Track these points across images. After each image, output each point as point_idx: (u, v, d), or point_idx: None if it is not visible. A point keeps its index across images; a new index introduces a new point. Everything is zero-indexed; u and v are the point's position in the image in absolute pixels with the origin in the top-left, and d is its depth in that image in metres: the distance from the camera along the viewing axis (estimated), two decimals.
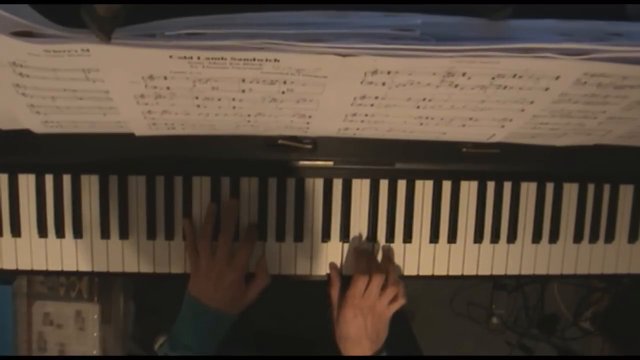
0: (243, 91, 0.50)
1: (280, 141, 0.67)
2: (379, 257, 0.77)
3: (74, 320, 0.97)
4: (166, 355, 0.71)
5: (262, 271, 0.74)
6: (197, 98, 0.52)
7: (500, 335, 1.52)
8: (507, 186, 0.78)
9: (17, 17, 0.40)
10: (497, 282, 1.48)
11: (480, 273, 0.79)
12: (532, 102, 0.54)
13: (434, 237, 0.77)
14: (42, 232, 0.73)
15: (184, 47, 0.43)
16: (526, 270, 0.80)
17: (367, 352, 0.70)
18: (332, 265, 0.76)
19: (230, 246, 0.70)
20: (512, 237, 0.78)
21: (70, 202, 0.73)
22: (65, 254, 0.74)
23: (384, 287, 0.71)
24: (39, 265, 0.74)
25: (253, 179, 0.74)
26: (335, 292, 0.74)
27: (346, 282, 0.74)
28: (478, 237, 0.78)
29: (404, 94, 0.51)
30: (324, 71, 0.47)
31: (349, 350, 0.71)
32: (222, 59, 0.44)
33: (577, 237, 0.79)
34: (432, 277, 0.78)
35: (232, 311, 0.71)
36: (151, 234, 0.74)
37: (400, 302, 0.72)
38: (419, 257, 0.77)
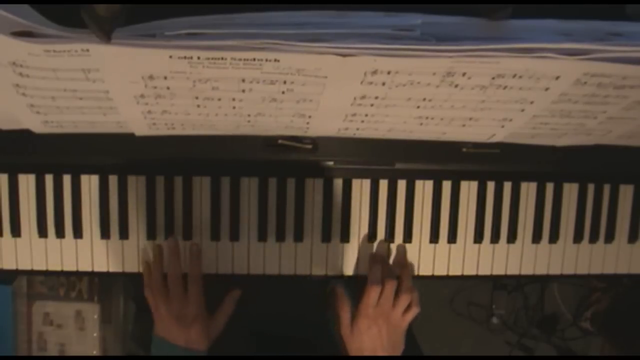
0: (243, 91, 0.50)
1: (280, 141, 0.67)
2: (392, 259, 0.77)
3: (74, 320, 0.97)
4: (164, 355, 0.71)
5: (229, 299, 0.74)
6: (197, 98, 0.52)
7: (500, 335, 1.52)
8: (507, 186, 0.78)
9: (17, 17, 0.40)
10: (497, 282, 1.48)
11: (480, 273, 0.79)
12: (532, 102, 0.54)
13: (434, 237, 0.77)
14: (42, 232, 0.73)
15: (184, 47, 0.43)
16: (526, 270, 0.79)
17: None
18: (339, 286, 0.74)
19: (181, 286, 0.70)
20: (512, 237, 0.78)
21: (70, 202, 0.73)
22: (65, 254, 0.74)
23: (397, 296, 0.70)
24: (39, 265, 0.74)
25: (253, 179, 0.74)
26: (345, 313, 0.71)
27: (347, 283, 0.74)
28: (478, 237, 0.77)
29: (404, 94, 0.51)
30: (324, 71, 0.47)
31: None
32: (222, 59, 0.44)
33: (577, 237, 0.79)
34: (432, 277, 0.78)
35: (200, 347, 0.70)
36: (151, 234, 0.74)
37: (415, 310, 0.71)
38: (419, 257, 0.77)
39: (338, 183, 0.75)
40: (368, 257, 0.76)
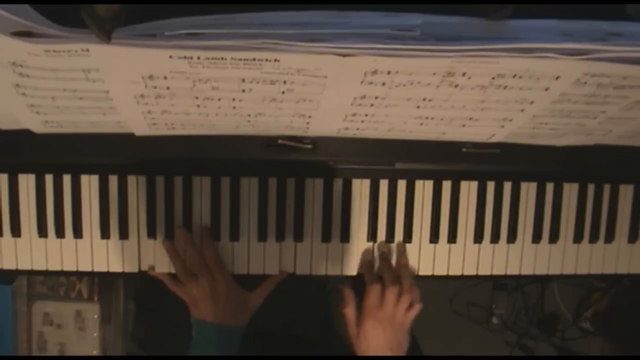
0: (243, 91, 0.50)
1: (280, 141, 0.67)
2: (393, 259, 0.76)
3: (74, 320, 0.97)
4: (168, 356, 0.71)
5: (273, 279, 0.75)
6: (197, 98, 0.52)
7: (500, 335, 1.53)
8: (507, 186, 0.78)
9: (17, 17, 0.40)
10: (497, 282, 1.48)
11: (480, 273, 0.79)
12: (532, 102, 0.54)
13: (434, 237, 0.77)
14: (42, 232, 0.73)
15: (184, 47, 0.43)
16: (526, 270, 0.79)
17: None
18: (345, 285, 0.75)
19: (205, 266, 0.71)
20: (512, 237, 0.78)
21: (70, 202, 0.73)
22: (65, 254, 0.74)
23: (398, 295, 0.70)
24: (39, 265, 0.74)
25: (253, 179, 0.74)
26: (350, 311, 0.72)
27: (352, 282, 0.73)
28: (478, 237, 0.77)
29: (404, 94, 0.51)
30: (324, 71, 0.47)
31: None
32: (222, 59, 0.44)
33: (577, 237, 0.79)
34: (432, 277, 0.78)
35: (238, 323, 0.72)
36: (151, 234, 0.74)
37: (417, 308, 0.72)
38: (419, 257, 0.77)
39: (338, 183, 0.75)
40: (367, 258, 0.76)
